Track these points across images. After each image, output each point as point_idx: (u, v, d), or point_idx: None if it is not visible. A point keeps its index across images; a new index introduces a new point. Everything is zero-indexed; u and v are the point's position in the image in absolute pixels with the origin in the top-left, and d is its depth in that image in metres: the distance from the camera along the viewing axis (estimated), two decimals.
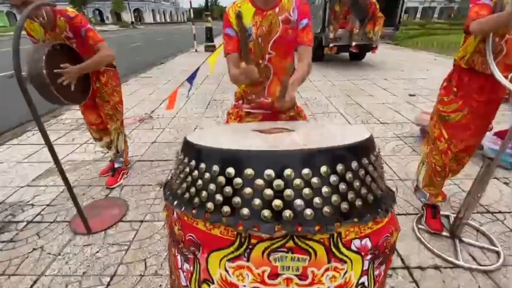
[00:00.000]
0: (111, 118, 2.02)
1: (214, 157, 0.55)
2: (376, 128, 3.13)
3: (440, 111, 1.49)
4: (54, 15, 1.57)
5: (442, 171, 1.53)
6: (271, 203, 0.49)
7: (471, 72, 1.37)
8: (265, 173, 0.49)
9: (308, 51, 1.23)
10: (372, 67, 6.86)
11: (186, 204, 0.58)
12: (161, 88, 5.10)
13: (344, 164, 0.52)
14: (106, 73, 1.91)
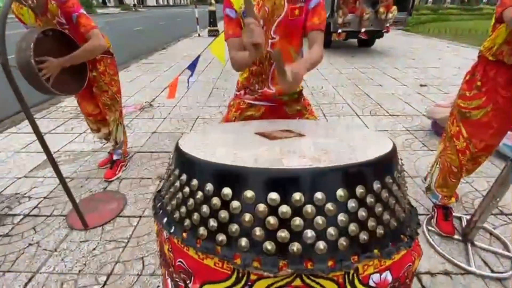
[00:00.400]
0: (109, 108, 1.93)
1: (208, 173, 0.46)
2: (384, 120, 3.00)
3: (461, 107, 1.37)
4: None
5: (458, 172, 1.43)
6: (275, 234, 0.40)
7: (498, 65, 1.23)
8: (268, 197, 0.40)
9: (320, 36, 1.10)
10: (382, 54, 6.59)
11: (176, 224, 0.50)
12: (163, 75, 4.96)
13: (364, 186, 0.43)
14: (103, 61, 1.80)
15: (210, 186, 0.44)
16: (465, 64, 5.37)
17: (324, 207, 0.40)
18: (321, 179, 0.41)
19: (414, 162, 2.23)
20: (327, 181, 0.41)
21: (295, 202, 0.40)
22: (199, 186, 0.45)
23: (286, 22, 1.08)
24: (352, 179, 0.42)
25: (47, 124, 3.01)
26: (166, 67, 5.50)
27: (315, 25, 1.08)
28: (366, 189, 0.43)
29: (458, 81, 4.33)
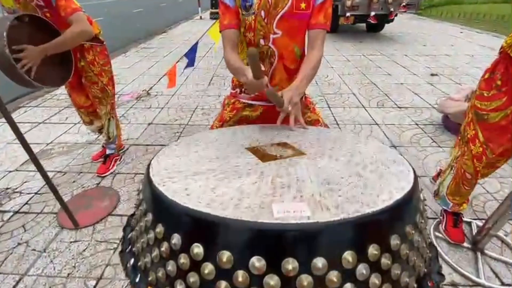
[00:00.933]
0: (100, 101, 1.81)
1: (176, 220, 0.36)
2: (392, 113, 2.85)
3: (478, 108, 1.23)
4: None
5: (472, 178, 1.31)
6: None
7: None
8: (251, 262, 0.31)
9: (322, 36, 0.98)
10: (391, 40, 6.28)
11: (141, 274, 0.40)
12: (162, 61, 4.78)
13: (379, 244, 0.32)
14: (92, 49, 1.66)
15: (178, 238, 0.34)
16: (479, 52, 5.09)
17: (325, 277, 0.30)
18: (323, 239, 0.31)
19: (422, 160, 2.11)
20: (331, 242, 0.31)
21: (287, 272, 0.30)
22: (164, 235, 0.36)
23: (290, 15, 0.94)
24: (363, 235, 0.32)
25: (41, 113, 2.91)
26: (165, 52, 5.31)
27: (320, 24, 0.95)
28: (381, 247, 0.33)
29: (471, 70, 4.14)
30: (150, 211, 0.40)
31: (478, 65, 4.33)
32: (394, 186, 0.39)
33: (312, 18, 0.95)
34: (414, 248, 0.37)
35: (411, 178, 0.41)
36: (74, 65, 1.62)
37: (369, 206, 0.34)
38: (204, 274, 0.33)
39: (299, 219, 0.32)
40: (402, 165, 0.45)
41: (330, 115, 2.80)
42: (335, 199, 0.36)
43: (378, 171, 0.44)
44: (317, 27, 0.96)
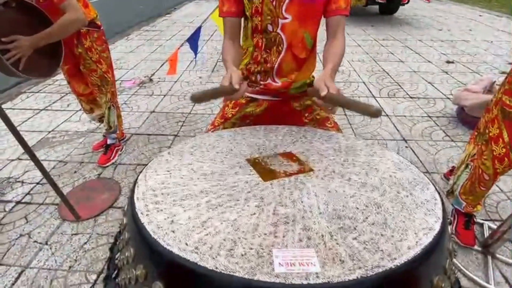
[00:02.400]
0: (99, 89, 1.75)
1: (158, 264, 0.30)
2: (404, 104, 2.72)
3: (505, 105, 1.13)
4: None
5: (490, 180, 1.23)
6: None
7: None
8: None
9: (343, 23, 0.88)
10: (406, 24, 5.95)
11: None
12: (165, 44, 4.64)
13: None
14: (89, 35, 1.57)
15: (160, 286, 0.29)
16: (498, 38, 4.79)
17: None
18: None
19: (433, 156, 2.02)
20: None
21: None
22: (145, 280, 0.30)
23: None
24: None
25: (43, 99, 2.87)
26: (168, 36, 5.14)
27: (340, 9, 0.86)
28: None
29: (489, 58, 3.91)
30: (132, 246, 0.35)
31: (498, 52, 4.08)
32: (420, 224, 0.32)
33: (332, 4, 0.86)
34: None
35: (439, 210, 0.34)
36: (71, 52, 1.54)
37: (391, 257, 0.28)
38: None
39: (306, 278, 0.26)
40: (427, 190, 0.38)
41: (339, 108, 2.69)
42: (349, 243, 0.30)
43: (399, 199, 0.38)
44: (338, 13, 0.86)
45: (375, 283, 0.26)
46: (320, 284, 0.26)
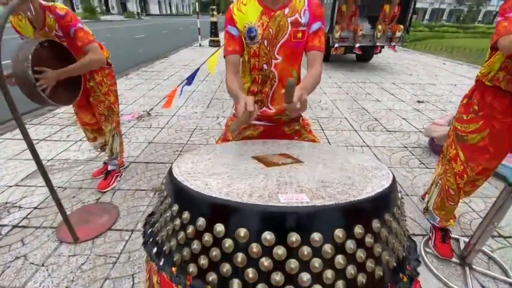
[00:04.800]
0: (106, 118, 1.91)
1: (201, 207, 0.44)
2: (382, 136, 3.01)
3: (458, 130, 1.37)
4: (43, 11, 1.45)
5: (455, 195, 1.42)
6: (269, 276, 0.38)
7: (495, 90, 1.24)
8: (263, 236, 0.39)
9: (319, 57, 1.12)
10: (379, 70, 6.70)
11: (166, 257, 0.47)
12: (162, 84, 4.98)
13: (363, 225, 0.41)
14: (101, 71, 1.80)
15: (202, 221, 0.42)
16: (461, 82, 5.46)
17: (321, 248, 0.38)
18: (318, 218, 0.40)
19: (411, 180, 2.22)
20: (325, 221, 0.40)
21: (291, 243, 0.38)
22: (190, 220, 0.44)
23: (289, 44, 1.09)
24: (350, 218, 0.41)
25: (43, 130, 2.98)
26: (166, 76, 5.53)
27: (316, 46, 1.10)
28: (365, 228, 0.41)
29: (454, 98, 4.42)
30: (176, 203, 0.48)
31: (460, 93, 4.64)
32: (376, 184, 0.48)
33: (309, 43, 1.10)
34: (393, 233, 0.45)
35: (390, 179, 0.50)
36: (84, 85, 1.74)
37: (355, 196, 0.43)
38: (224, 248, 0.40)
39: (300, 204, 0.41)
40: (383, 170, 0.55)
41: (324, 137, 2.94)
42: (328, 192, 0.45)
43: (364, 175, 0.54)
44: (313, 49, 1.10)
45: (344, 208, 0.41)
46: (309, 206, 0.40)
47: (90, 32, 1.57)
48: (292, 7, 1.07)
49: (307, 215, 0.40)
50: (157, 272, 0.52)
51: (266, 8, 1.07)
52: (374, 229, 0.42)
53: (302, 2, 1.08)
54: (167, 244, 0.47)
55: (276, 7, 1.07)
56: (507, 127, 1.26)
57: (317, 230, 0.39)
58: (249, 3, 1.09)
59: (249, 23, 1.08)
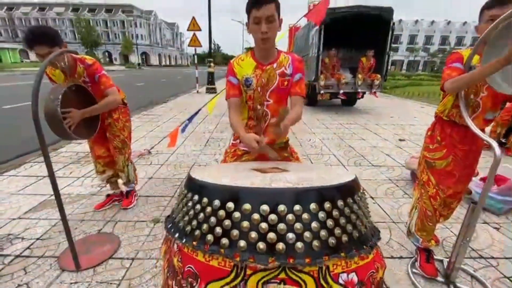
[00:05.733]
0: (120, 151, 2.13)
1: (216, 193, 0.62)
2: (368, 170, 3.23)
3: (427, 158, 1.60)
4: (75, 62, 1.76)
5: (432, 216, 1.58)
6: (266, 236, 0.55)
7: (452, 123, 1.50)
8: (261, 208, 0.57)
9: (300, 100, 1.39)
10: (364, 113, 7.27)
11: (187, 236, 0.63)
12: (162, 126, 5.28)
13: (331, 203, 0.60)
14: (118, 110, 2.06)
15: (218, 202, 0.59)
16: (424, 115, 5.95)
17: (301, 216, 0.56)
18: (299, 195, 0.58)
19: (397, 209, 2.37)
20: (303, 197, 0.58)
21: (280, 212, 0.55)
22: (208, 203, 0.61)
23: (277, 89, 1.38)
24: (321, 197, 0.59)
25: None
26: (165, 119, 5.87)
27: (297, 92, 1.38)
28: (332, 205, 0.59)
29: None
30: (196, 194, 0.65)
31: None
32: (341, 179, 0.68)
33: (292, 89, 1.38)
34: (354, 213, 0.62)
35: (352, 177, 0.70)
36: (102, 122, 1.97)
37: (325, 184, 0.62)
38: (234, 219, 0.56)
39: (286, 187, 0.60)
40: (350, 174, 0.74)
41: None
42: (306, 183, 0.64)
43: (336, 176, 0.73)
44: (295, 94, 1.38)
45: (317, 190, 0.59)
46: (292, 188, 0.58)
47: (110, 78, 1.87)
48: (279, 62, 1.38)
49: (291, 193, 0.58)
50: (178, 252, 0.66)
51: (259, 63, 1.38)
52: (339, 206, 0.60)
53: (287, 58, 1.39)
54: (188, 226, 0.63)
55: (266, 62, 1.37)
56: (466, 154, 1.50)
57: (298, 203, 0.56)
58: (245, 59, 1.40)
59: (246, 74, 1.37)
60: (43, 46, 1.54)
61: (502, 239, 1.98)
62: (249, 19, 1.26)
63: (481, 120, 1.44)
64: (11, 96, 8.84)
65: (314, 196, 0.58)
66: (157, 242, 1.86)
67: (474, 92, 1.40)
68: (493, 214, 2.31)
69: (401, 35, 57.65)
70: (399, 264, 1.71)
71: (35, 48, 1.54)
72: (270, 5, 1.19)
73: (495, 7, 1.28)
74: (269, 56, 1.37)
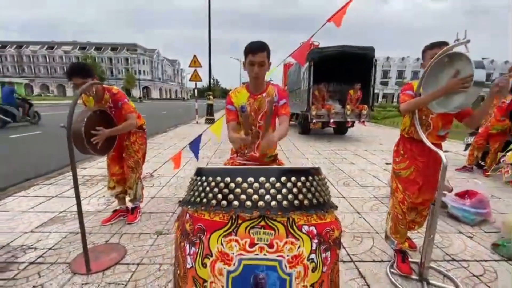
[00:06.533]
0: (133, 170, 2.40)
1: (217, 173, 0.89)
2: (356, 190, 3.48)
3: (395, 169, 1.89)
4: (103, 91, 2.12)
5: (403, 219, 1.82)
6: (251, 197, 0.82)
7: (411, 139, 1.83)
8: (248, 179, 0.84)
9: (286, 119, 1.72)
10: (354, 140, 7.67)
11: (197, 204, 0.89)
12: (163, 152, 5.57)
13: (296, 178, 0.87)
14: (136, 134, 2.40)
15: (219, 178, 0.86)
16: None
17: (275, 185, 0.82)
18: (274, 172, 0.85)
19: (380, 222, 2.58)
20: (277, 173, 0.85)
21: (261, 182, 0.82)
22: (212, 180, 0.87)
23: (266, 114, 1.71)
24: (290, 174, 0.86)
25: (55, 189, 3.30)
26: (166, 146, 6.18)
27: (283, 113, 1.72)
28: (297, 179, 0.86)
29: None
30: (203, 176, 0.92)
31: None
32: (306, 166, 0.96)
33: (279, 112, 1.71)
34: (312, 187, 0.88)
35: (316, 167, 0.98)
36: (121, 143, 2.29)
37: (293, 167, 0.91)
38: (230, 188, 0.82)
39: (266, 167, 0.88)
40: (315, 166, 1.03)
41: None
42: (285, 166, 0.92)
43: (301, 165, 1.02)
44: (281, 115, 1.71)
45: (286, 169, 0.87)
46: (270, 167, 0.85)
47: (131, 106, 2.22)
48: (268, 93, 1.72)
49: (269, 170, 0.85)
50: (189, 219, 0.91)
51: (252, 94, 1.72)
52: (302, 181, 0.86)
53: (274, 89, 1.74)
54: (198, 198, 0.88)
55: (258, 93, 1.72)
56: (426, 164, 1.79)
57: (272, 176, 0.83)
58: (241, 90, 1.75)
59: (241, 103, 1.71)
60: (78, 77, 1.90)
61: (474, 246, 2.19)
62: (245, 60, 1.63)
63: (435, 136, 1.76)
64: (19, 127, 9.20)
65: (284, 173, 0.85)
66: (160, 251, 2.04)
67: (425, 114, 1.75)
68: (467, 225, 2.52)
69: (389, 71, 61.51)
70: (379, 267, 1.90)
71: (72, 79, 1.90)
72: (262, 53, 1.56)
73: (434, 48, 1.69)
74: (260, 88, 1.73)
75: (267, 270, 0.78)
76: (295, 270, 0.79)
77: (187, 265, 0.87)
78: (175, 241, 1.00)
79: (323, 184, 0.97)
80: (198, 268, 0.83)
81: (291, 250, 0.80)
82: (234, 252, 0.79)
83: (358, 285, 1.70)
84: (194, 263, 0.85)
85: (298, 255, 0.81)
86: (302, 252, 0.81)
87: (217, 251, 0.81)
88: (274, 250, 0.79)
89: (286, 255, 0.80)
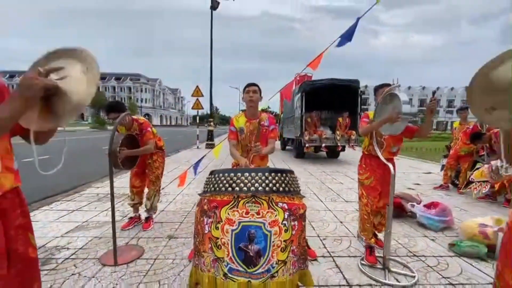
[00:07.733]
0: (153, 184, 2.93)
1: (225, 171, 1.40)
2: (341, 204, 3.92)
3: (360, 179, 2.40)
4: (132, 121, 2.69)
5: (368, 218, 2.29)
6: (247, 184, 1.32)
7: (370, 155, 2.36)
8: (244, 174, 1.35)
9: (273, 141, 2.26)
10: (346, 163, 8.19)
11: (212, 191, 1.39)
12: (167, 175, 6.01)
13: (275, 174, 1.38)
14: (157, 154, 2.95)
15: (227, 174, 1.37)
16: (410, 171, 6.80)
17: (262, 177, 1.33)
18: (262, 170, 1.36)
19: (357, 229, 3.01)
20: (263, 171, 1.36)
21: (253, 175, 1.33)
22: (222, 175, 1.38)
23: (259, 135, 2.26)
24: (273, 172, 1.36)
25: (74, 205, 3.72)
26: (170, 169, 6.64)
27: (271, 136, 2.27)
28: (275, 174, 1.36)
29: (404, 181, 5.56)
30: (216, 173, 1.42)
31: (408, 178, 5.86)
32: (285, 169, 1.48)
33: (268, 135, 2.26)
34: (286, 180, 1.38)
35: (291, 170, 1.49)
36: (144, 161, 2.81)
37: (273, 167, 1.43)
38: (234, 179, 1.33)
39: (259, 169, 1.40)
40: (290, 169, 1.54)
41: None
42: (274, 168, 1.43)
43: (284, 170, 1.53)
44: (270, 138, 2.25)
45: (271, 169, 1.39)
46: (261, 167, 1.36)
47: (153, 133, 2.77)
48: (261, 119, 2.29)
49: (258, 169, 1.37)
50: (206, 202, 1.39)
51: (248, 119, 2.29)
52: (279, 176, 1.37)
53: (266, 116, 2.31)
54: (212, 188, 1.38)
55: (253, 118, 2.29)
56: (382, 175, 2.30)
57: (260, 172, 1.34)
58: (240, 117, 2.32)
59: (240, 125, 2.27)
60: (114, 113, 2.48)
61: (435, 246, 2.62)
62: (243, 93, 2.23)
63: (388, 152, 2.29)
64: None
65: (268, 171, 1.37)
66: (172, 250, 2.45)
67: (379, 135, 2.30)
68: (432, 231, 2.96)
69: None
70: (353, 261, 2.31)
71: (109, 114, 2.48)
72: (255, 87, 2.20)
73: (383, 87, 2.29)
74: (255, 115, 2.29)
75: (256, 228, 1.26)
76: (274, 229, 1.27)
77: (205, 231, 1.35)
78: (195, 219, 1.47)
79: (294, 179, 1.48)
80: (213, 230, 1.31)
81: (271, 217, 1.29)
82: (236, 217, 1.28)
83: (334, 273, 2.11)
84: (210, 228, 1.33)
85: (275, 220, 1.29)
86: (278, 219, 1.30)
87: (225, 218, 1.29)
88: (260, 216, 1.28)
89: (267, 219, 1.28)
